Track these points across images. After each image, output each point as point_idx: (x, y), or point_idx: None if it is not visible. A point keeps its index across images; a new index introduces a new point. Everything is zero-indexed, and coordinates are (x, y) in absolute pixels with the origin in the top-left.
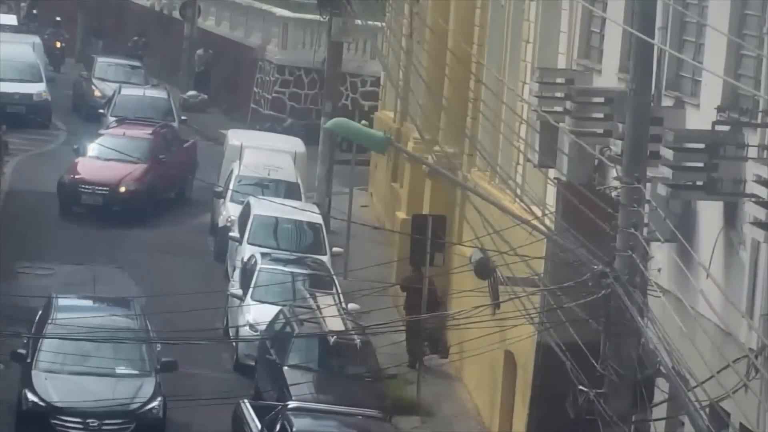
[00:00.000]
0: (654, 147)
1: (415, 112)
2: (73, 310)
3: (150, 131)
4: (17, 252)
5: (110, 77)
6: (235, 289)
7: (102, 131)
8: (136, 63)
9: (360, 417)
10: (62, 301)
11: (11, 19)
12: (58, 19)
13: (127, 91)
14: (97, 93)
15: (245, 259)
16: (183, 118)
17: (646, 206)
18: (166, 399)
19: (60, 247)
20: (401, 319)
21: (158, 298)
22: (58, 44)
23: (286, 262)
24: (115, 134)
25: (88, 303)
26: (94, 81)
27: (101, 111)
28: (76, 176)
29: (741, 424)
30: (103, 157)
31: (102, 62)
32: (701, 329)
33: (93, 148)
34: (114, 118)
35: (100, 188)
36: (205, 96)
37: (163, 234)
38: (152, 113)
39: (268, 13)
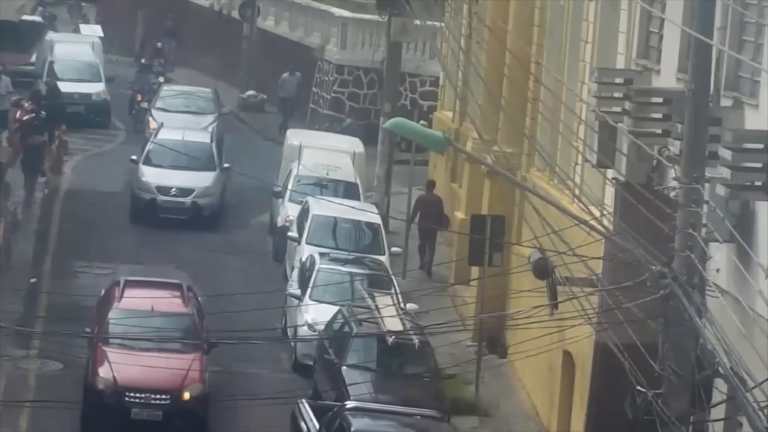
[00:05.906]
0: (713, 147)
1: (474, 112)
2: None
3: (178, 296)
4: (76, 251)
5: (172, 107)
6: (294, 288)
7: (111, 313)
8: (207, 90)
9: (418, 417)
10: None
11: (97, 30)
12: (159, 45)
13: (164, 134)
14: (153, 125)
15: (304, 259)
16: (226, 165)
17: (705, 206)
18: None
19: (118, 247)
20: (460, 318)
21: (217, 298)
22: (139, 97)
23: (344, 261)
24: (134, 309)
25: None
26: (153, 112)
27: (133, 158)
28: (118, 381)
29: None
30: (137, 347)
31: (167, 91)
32: (760, 330)
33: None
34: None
35: (157, 398)
36: (264, 96)
37: (222, 234)
38: (192, 161)
39: (327, 13)
